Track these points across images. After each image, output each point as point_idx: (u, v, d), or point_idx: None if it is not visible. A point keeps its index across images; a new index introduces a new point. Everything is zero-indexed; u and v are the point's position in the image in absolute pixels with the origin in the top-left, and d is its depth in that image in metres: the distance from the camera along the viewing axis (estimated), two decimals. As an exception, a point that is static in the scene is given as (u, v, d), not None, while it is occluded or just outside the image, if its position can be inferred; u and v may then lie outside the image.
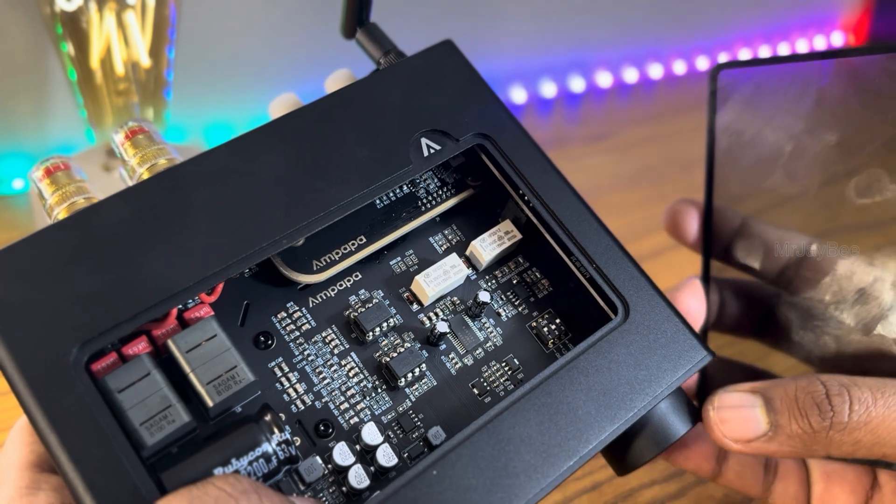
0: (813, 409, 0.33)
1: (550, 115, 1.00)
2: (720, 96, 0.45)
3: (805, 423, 0.33)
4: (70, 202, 0.34)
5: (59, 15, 0.64)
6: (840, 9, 1.24)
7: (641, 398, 0.35)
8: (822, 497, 0.38)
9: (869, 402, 0.33)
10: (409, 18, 0.66)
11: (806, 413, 0.33)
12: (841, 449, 0.33)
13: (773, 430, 0.34)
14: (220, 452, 0.30)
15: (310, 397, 0.35)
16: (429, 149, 0.38)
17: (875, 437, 0.33)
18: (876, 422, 0.32)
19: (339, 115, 0.37)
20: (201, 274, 0.32)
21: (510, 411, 0.33)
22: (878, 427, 0.32)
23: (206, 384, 0.31)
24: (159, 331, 0.32)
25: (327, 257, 0.37)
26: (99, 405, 0.29)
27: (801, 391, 0.34)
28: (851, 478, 0.38)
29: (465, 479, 0.31)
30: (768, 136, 0.44)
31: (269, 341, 0.36)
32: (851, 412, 0.33)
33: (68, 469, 0.28)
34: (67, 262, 0.31)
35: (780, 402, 0.34)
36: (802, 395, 0.34)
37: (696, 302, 0.41)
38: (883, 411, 0.32)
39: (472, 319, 0.38)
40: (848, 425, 0.32)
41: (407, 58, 0.40)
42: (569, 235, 0.38)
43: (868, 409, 0.32)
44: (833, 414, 0.33)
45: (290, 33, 0.83)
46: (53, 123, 0.75)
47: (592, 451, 0.33)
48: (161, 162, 0.35)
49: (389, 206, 0.39)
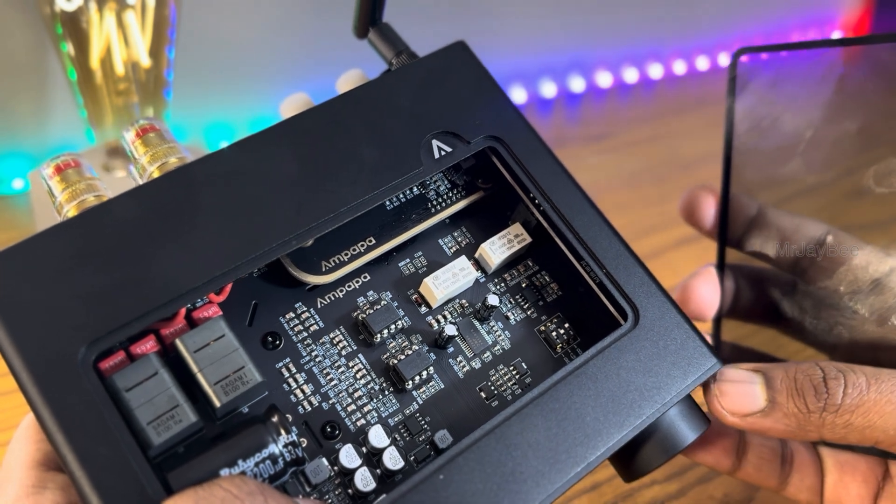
0: (809, 390, 0.34)
1: (550, 115, 1.00)
2: (739, 82, 0.45)
3: (801, 403, 0.34)
4: (80, 200, 0.33)
5: (59, 15, 0.64)
6: (840, 9, 1.25)
7: (650, 405, 0.34)
8: (835, 487, 0.39)
9: (863, 387, 0.34)
10: (408, 18, 0.66)
11: (803, 393, 0.34)
12: (834, 432, 0.34)
13: (770, 407, 0.35)
14: (226, 453, 0.30)
15: (317, 398, 0.35)
16: (440, 151, 0.37)
17: (866, 421, 0.34)
18: (868, 405, 0.34)
19: (350, 115, 0.37)
20: (210, 274, 0.32)
21: (518, 416, 0.33)
22: (870, 411, 0.33)
23: (213, 384, 0.31)
24: (167, 330, 0.32)
25: (336, 258, 0.37)
26: (106, 404, 0.29)
27: (800, 373, 0.35)
28: (864, 468, 0.39)
29: (471, 484, 0.31)
30: (787, 123, 0.43)
31: (276, 342, 0.35)
32: (845, 395, 0.34)
33: (75, 468, 0.28)
34: (76, 260, 0.31)
35: (780, 382, 0.35)
36: (801, 376, 0.35)
37: (710, 289, 0.41)
38: (875, 396, 0.34)
39: (481, 323, 0.38)
40: (840, 407, 0.34)
41: (420, 58, 0.40)
42: (579, 240, 0.37)
43: (861, 393, 0.34)
44: (828, 396, 0.34)
45: (289, 33, 0.83)
46: (53, 123, 0.75)
47: (600, 457, 0.33)
48: (172, 161, 0.35)
49: (399, 207, 0.39)
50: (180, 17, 0.68)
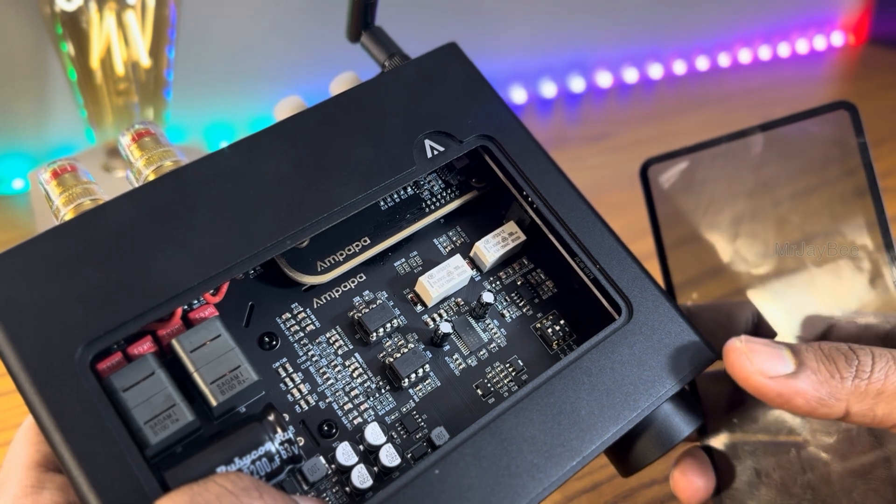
0: (840, 357, 0.34)
1: (550, 115, 1.00)
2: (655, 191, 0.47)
3: (832, 367, 0.34)
4: (77, 203, 0.34)
5: (59, 15, 0.64)
6: (840, 9, 1.25)
7: (645, 398, 0.35)
8: None
9: (890, 358, 0.34)
10: (408, 18, 0.66)
11: (833, 360, 0.34)
12: (863, 401, 0.34)
13: (800, 369, 0.34)
14: (222, 451, 0.30)
15: (314, 398, 0.35)
16: (432, 150, 0.38)
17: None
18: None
19: (343, 116, 0.37)
20: (206, 274, 0.32)
21: (513, 411, 0.33)
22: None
23: (209, 384, 0.31)
24: (164, 331, 0.32)
25: (331, 258, 0.37)
26: (104, 404, 0.29)
27: (826, 345, 0.35)
28: None
29: (467, 479, 0.32)
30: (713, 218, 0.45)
31: (273, 342, 0.36)
32: (874, 364, 0.34)
33: (72, 467, 0.28)
34: (73, 262, 0.31)
35: (807, 351, 0.35)
36: (828, 347, 0.35)
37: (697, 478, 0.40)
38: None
39: (476, 320, 0.38)
40: (871, 375, 0.34)
41: (411, 60, 0.40)
42: (572, 236, 0.38)
43: (889, 363, 0.34)
44: (858, 363, 0.34)
45: (289, 34, 0.83)
46: (53, 123, 0.75)
47: (595, 451, 0.33)
48: (167, 164, 0.35)
49: (394, 207, 0.39)
50: (180, 17, 0.69)
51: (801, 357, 0.34)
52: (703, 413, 0.37)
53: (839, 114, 0.40)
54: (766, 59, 1.21)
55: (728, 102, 1.07)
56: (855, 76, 1.25)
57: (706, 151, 0.44)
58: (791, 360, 0.34)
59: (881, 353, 0.34)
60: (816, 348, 0.35)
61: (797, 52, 1.23)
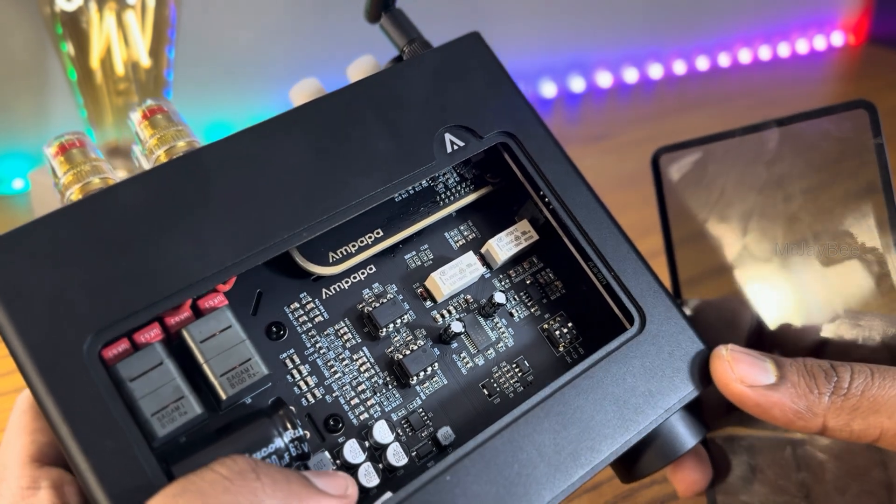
0: (820, 373, 0.35)
1: (550, 115, 1.00)
2: (665, 181, 0.46)
3: (811, 383, 0.35)
4: (85, 182, 0.32)
5: (59, 15, 0.64)
6: (840, 9, 1.25)
7: (655, 410, 0.35)
8: None
9: (868, 374, 0.35)
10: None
11: (813, 375, 0.35)
12: (839, 417, 0.35)
13: (780, 382, 0.35)
14: (232, 446, 0.30)
15: (320, 391, 0.34)
16: (452, 145, 0.37)
17: (872, 406, 0.34)
18: (874, 391, 0.34)
19: (363, 105, 0.36)
20: (219, 265, 0.31)
21: (524, 419, 0.33)
22: (876, 397, 0.34)
23: (219, 376, 0.31)
24: (173, 319, 0.31)
25: (344, 249, 0.36)
26: (111, 395, 0.29)
27: (809, 361, 0.36)
28: None
29: (477, 486, 0.31)
30: (723, 212, 0.44)
31: (281, 332, 0.35)
32: (852, 380, 0.35)
33: (78, 459, 0.28)
34: (80, 247, 0.30)
35: (790, 365, 0.36)
36: (810, 363, 0.36)
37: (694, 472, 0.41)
38: (880, 382, 0.35)
39: (485, 319, 0.38)
40: (848, 391, 0.34)
41: (433, 49, 0.39)
42: (588, 241, 0.37)
43: (867, 379, 0.35)
44: (837, 379, 0.35)
45: (288, 34, 0.83)
46: (53, 123, 0.75)
47: (605, 461, 0.33)
48: (180, 144, 0.34)
49: (407, 199, 0.39)
50: (180, 17, 0.68)
51: (783, 370, 0.35)
52: (706, 425, 0.37)
53: (857, 113, 0.39)
54: (766, 59, 1.21)
55: (728, 102, 1.07)
56: (855, 76, 1.25)
57: (719, 143, 0.44)
58: (773, 371, 0.35)
59: (860, 369, 0.35)
60: (800, 363, 0.36)
61: (797, 52, 1.23)
